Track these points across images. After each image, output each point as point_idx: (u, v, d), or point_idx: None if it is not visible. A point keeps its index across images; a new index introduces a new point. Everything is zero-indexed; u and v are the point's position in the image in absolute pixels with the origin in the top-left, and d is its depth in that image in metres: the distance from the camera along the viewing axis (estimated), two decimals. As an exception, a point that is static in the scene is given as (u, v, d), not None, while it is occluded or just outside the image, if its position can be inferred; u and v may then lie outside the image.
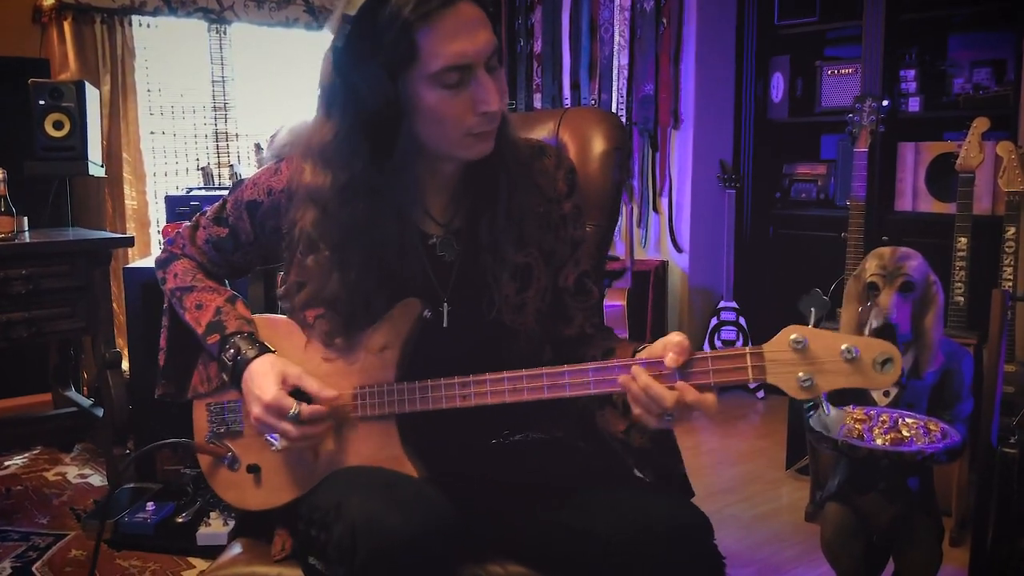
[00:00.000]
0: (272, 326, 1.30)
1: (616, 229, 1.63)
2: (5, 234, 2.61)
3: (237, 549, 1.31)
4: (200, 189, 3.48)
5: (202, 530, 2.36)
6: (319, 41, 4.08)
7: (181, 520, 2.42)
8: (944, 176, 3.18)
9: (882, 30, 3.28)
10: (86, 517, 2.60)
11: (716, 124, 3.98)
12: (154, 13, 3.75)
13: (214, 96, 4.04)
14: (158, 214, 3.84)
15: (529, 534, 1.19)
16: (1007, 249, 2.53)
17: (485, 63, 1.12)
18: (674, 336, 1.04)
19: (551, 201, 1.30)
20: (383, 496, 1.07)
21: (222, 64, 4.03)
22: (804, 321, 1.01)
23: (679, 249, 4.04)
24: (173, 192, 3.38)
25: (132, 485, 2.69)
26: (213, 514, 2.41)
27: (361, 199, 1.16)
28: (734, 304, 3.82)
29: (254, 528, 1.33)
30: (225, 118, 4.08)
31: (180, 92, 3.96)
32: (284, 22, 4.12)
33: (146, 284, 2.65)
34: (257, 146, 3.78)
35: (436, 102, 1.11)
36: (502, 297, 1.25)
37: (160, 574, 2.28)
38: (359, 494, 1.08)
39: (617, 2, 4.08)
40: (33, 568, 2.31)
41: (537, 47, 4.44)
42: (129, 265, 3.06)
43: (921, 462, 1.69)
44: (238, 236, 1.34)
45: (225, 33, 4.01)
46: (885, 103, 2.91)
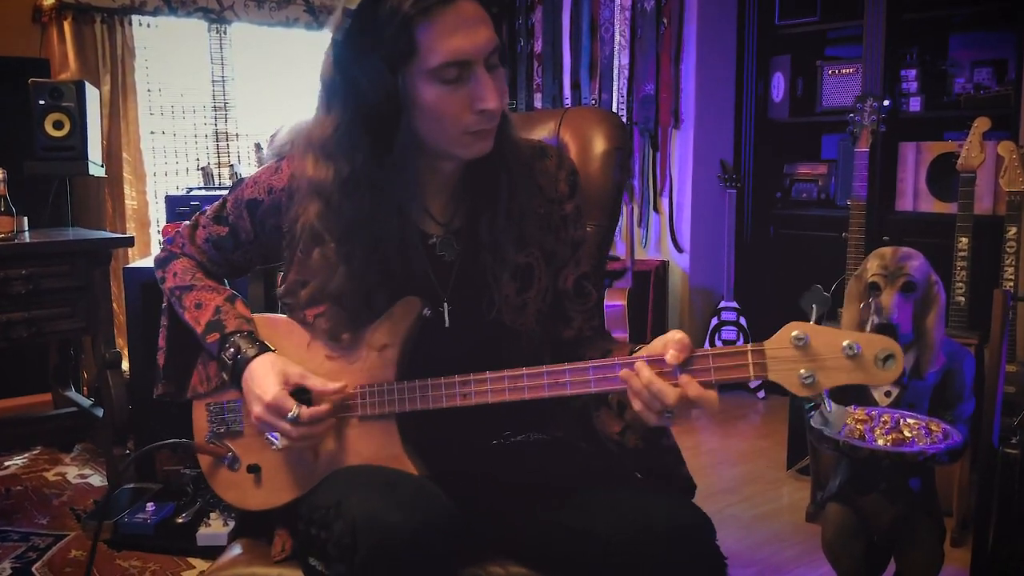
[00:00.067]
0: (272, 325, 1.30)
1: (617, 229, 1.62)
2: (5, 234, 2.61)
3: (237, 550, 1.31)
4: (200, 189, 3.48)
5: (202, 530, 2.36)
6: (319, 41, 4.09)
7: (181, 520, 2.42)
8: (945, 176, 3.17)
9: (883, 30, 3.28)
10: (86, 517, 2.59)
11: (717, 124, 3.98)
12: (154, 13, 3.74)
13: (214, 96, 4.04)
14: (158, 214, 3.84)
15: (529, 534, 1.19)
16: (1008, 249, 2.53)
17: (485, 61, 1.12)
18: (674, 333, 1.03)
19: (552, 202, 1.30)
20: (384, 493, 1.06)
21: (222, 64, 4.03)
22: (805, 319, 1.01)
23: (680, 249, 4.04)
24: (173, 192, 3.38)
25: (132, 485, 2.69)
26: (213, 514, 2.41)
27: (363, 193, 1.16)
28: (735, 304, 3.81)
29: (254, 529, 1.33)
30: (225, 118, 4.08)
31: (180, 92, 3.96)
32: (284, 22, 4.12)
33: (146, 284, 2.65)
34: (257, 146, 3.78)
35: (435, 98, 1.11)
36: (502, 297, 1.25)
37: (160, 574, 2.28)
38: (359, 492, 1.08)
39: (618, 2, 4.08)
40: (33, 568, 2.31)
41: (537, 47, 4.44)
42: (129, 265, 3.06)
43: (923, 462, 1.68)
44: (238, 235, 1.33)
45: (225, 33, 4.00)
46: (886, 103, 2.91)
